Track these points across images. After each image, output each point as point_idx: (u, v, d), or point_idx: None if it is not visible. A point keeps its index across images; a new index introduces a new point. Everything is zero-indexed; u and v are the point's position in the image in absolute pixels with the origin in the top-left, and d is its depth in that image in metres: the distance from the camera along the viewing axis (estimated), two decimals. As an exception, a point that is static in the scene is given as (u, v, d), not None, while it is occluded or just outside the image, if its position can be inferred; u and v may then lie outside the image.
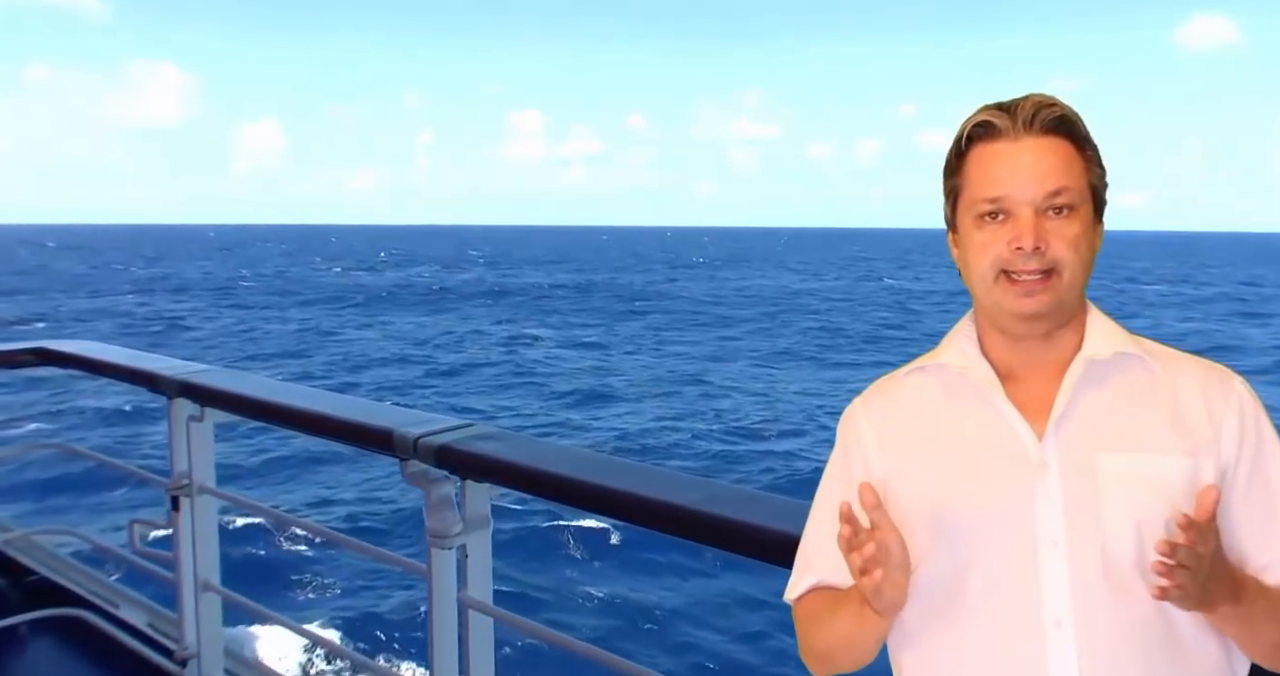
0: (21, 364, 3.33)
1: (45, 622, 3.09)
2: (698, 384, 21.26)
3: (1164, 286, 57.68)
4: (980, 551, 1.06)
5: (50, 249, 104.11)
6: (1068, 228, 1.04)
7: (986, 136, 1.07)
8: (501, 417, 17.26)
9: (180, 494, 2.64)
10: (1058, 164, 1.04)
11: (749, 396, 19.80)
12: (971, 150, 1.08)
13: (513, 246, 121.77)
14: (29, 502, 10.55)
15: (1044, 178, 1.04)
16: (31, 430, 14.30)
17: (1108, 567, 1.01)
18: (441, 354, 26.39)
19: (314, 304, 41.37)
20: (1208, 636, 1.03)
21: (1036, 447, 1.06)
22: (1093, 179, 1.07)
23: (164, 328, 31.35)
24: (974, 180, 1.08)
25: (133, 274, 60.71)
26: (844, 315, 38.66)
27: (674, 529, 1.68)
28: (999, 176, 1.05)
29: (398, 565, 2.21)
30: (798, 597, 1.21)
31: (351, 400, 2.54)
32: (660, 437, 15.83)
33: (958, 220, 1.11)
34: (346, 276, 61.87)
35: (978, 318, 1.15)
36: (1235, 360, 17.42)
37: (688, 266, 79.78)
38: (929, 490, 1.09)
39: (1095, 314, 1.12)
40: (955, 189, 1.11)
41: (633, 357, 26.11)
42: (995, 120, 1.06)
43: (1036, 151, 1.04)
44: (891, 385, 1.19)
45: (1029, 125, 1.05)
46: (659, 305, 42.70)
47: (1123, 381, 1.08)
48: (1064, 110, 1.06)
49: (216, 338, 29.28)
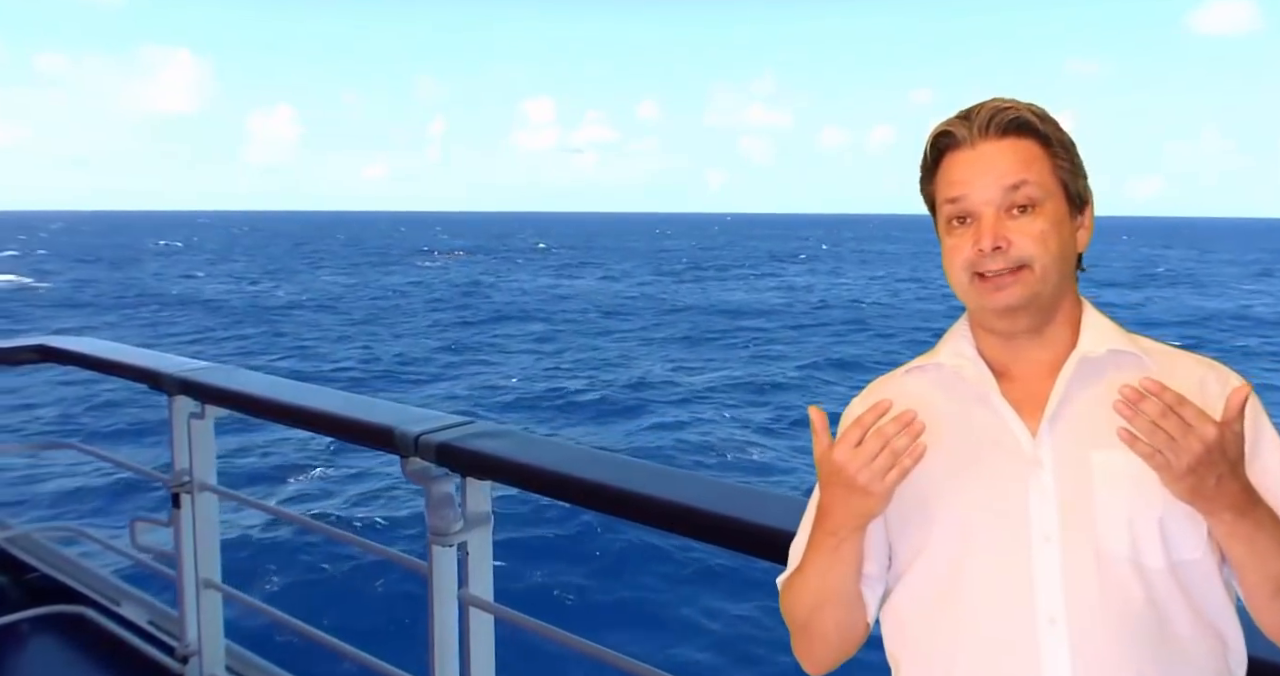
0: (23, 361, 3.33)
1: (46, 620, 3.09)
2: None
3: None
4: (975, 547, 1.07)
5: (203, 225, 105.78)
6: (1031, 224, 1.06)
7: (950, 146, 1.11)
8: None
9: (181, 491, 2.65)
10: (1015, 162, 1.07)
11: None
12: (939, 159, 1.12)
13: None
14: (30, 499, 10.55)
15: (1001, 176, 1.07)
16: (33, 427, 14.33)
17: (1101, 564, 1.02)
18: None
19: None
20: (1204, 633, 1.04)
21: (1031, 444, 1.07)
22: (1061, 173, 1.09)
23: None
24: (940, 187, 1.12)
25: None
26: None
27: (676, 526, 1.69)
28: (958, 179, 1.09)
29: (398, 562, 2.21)
30: (783, 581, 1.22)
31: (352, 397, 2.54)
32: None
33: (937, 227, 1.15)
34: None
35: (971, 318, 1.17)
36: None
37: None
38: (924, 487, 1.10)
39: (1091, 312, 1.13)
40: (930, 197, 1.15)
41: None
42: (954, 129, 1.10)
43: (993, 153, 1.08)
44: (889, 384, 1.20)
45: (985, 130, 1.08)
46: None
47: (1117, 379, 1.07)
48: (1020, 111, 1.08)
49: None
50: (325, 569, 8.99)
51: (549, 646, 1.91)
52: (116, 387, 15.07)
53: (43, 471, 11.35)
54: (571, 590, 8.79)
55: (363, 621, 7.89)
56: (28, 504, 10.33)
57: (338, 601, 8.34)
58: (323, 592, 8.56)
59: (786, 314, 32.61)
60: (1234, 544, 1.01)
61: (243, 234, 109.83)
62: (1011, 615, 1.04)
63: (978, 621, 1.06)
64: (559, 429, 15.66)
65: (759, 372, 20.59)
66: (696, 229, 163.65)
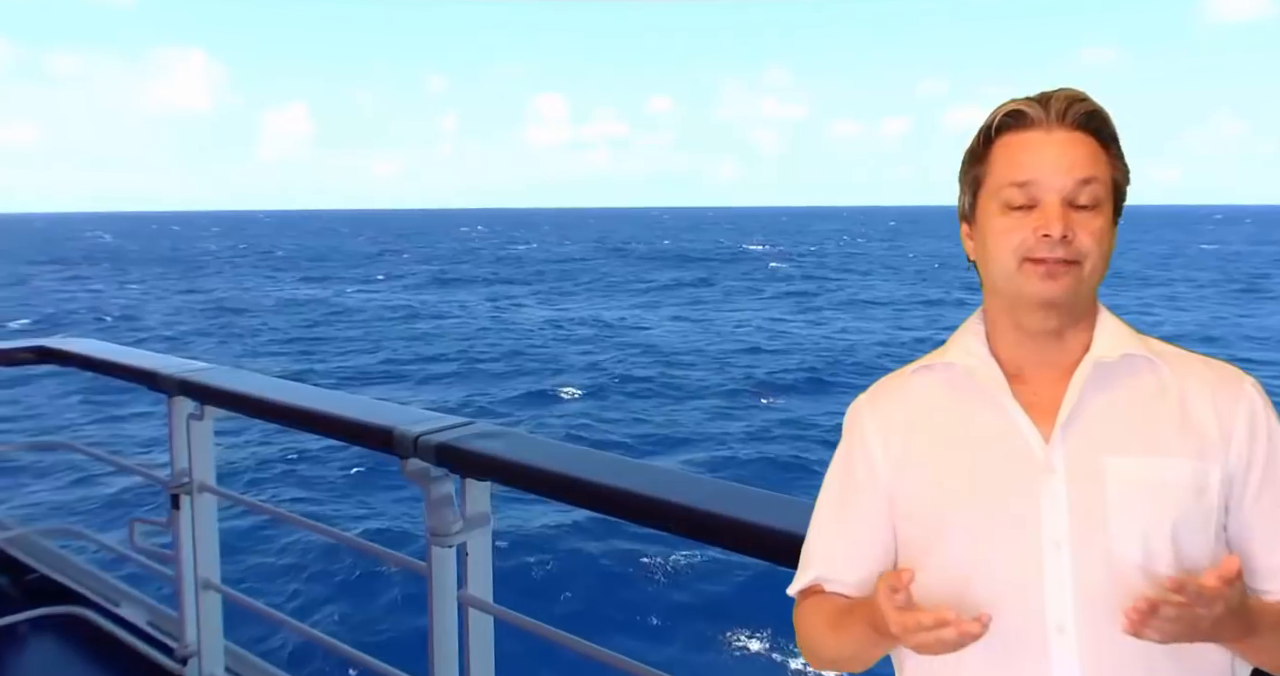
0: (22, 362, 3.33)
1: (46, 620, 3.09)
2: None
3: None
4: (984, 553, 1.05)
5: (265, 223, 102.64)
6: (1093, 220, 1.04)
7: (1017, 126, 1.06)
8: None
9: (180, 492, 2.64)
10: (1087, 156, 1.04)
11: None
12: (1000, 139, 1.08)
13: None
14: (30, 500, 10.55)
15: (1074, 167, 1.03)
16: (32, 428, 14.32)
17: (1112, 571, 1.00)
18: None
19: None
20: (1211, 644, 1.02)
21: (1043, 450, 1.05)
22: (1117, 177, 1.07)
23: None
24: (1001, 167, 1.07)
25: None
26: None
27: (675, 527, 1.68)
28: (1029, 162, 1.05)
29: (398, 563, 2.21)
30: (799, 592, 1.21)
31: (352, 398, 2.54)
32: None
33: (978, 209, 1.10)
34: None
35: (989, 314, 1.14)
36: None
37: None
38: (933, 490, 1.09)
39: (1105, 315, 1.11)
40: (978, 177, 1.10)
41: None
42: (1028, 110, 1.06)
43: (1068, 143, 1.04)
44: (897, 383, 1.18)
45: (1062, 117, 1.05)
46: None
47: (1131, 383, 1.07)
48: (1096, 106, 1.05)
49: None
50: (325, 569, 8.98)
51: (548, 647, 1.91)
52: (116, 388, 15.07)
53: (43, 471, 11.35)
54: (571, 590, 8.79)
55: (362, 622, 7.89)
56: (28, 504, 10.33)
57: (337, 602, 8.35)
58: (322, 593, 8.57)
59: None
60: (1232, 648, 1.03)
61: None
62: (1020, 622, 1.03)
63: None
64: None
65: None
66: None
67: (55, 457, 11.22)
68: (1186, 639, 0.93)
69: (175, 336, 26.52)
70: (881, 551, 1.15)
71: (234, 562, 8.01)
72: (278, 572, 8.91)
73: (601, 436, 14.59)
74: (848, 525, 1.17)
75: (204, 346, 24.61)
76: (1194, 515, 1.00)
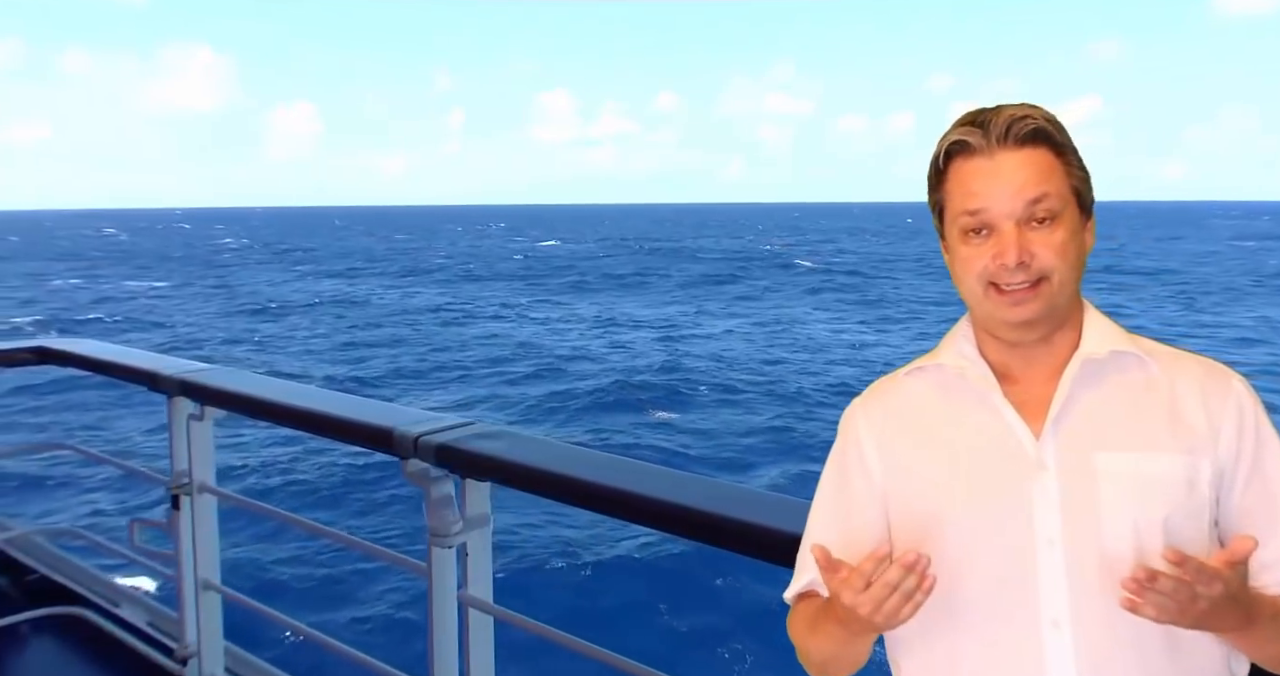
0: (22, 362, 3.33)
1: (46, 621, 3.09)
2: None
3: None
4: (978, 551, 1.06)
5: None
6: (1052, 236, 1.04)
7: (963, 153, 1.07)
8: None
9: (181, 492, 2.64)
10: (1035, 174, 1.04)
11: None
12: (950, 166, 1.09)
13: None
14: (30, 501, 10.55)
15: (1022, 189, 1.04)
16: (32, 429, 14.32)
17: (1105, 567, 1.01)
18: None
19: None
20: (1207, 637, 1.03)
21: (1034, 447, 1.06)
22: (1074, 182, 1.07)
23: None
24: (954, 196, 1.08)
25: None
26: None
27: (675, 527, 1.69)
28: (979, 190, 1.06)
29: (398, 563, 2.21)
30: (793, 597, 1.22)
31: (352, 398, 2.54)
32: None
33: (944, 233, 1.12)
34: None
35: (974, 322, 1.15)
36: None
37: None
38: (927, 490, 1.10)
39: (1092, 313, 1.12)
40: (939, 203, 1.11)
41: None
42: (969, 138, 1.06)
43: (1013, 164, 1.05)
44: (890, 386, 1.20)
45: (1003, 139, 1.05)
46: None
47: (1120, 380, 1.08)
48: (1038, 121, 1.05)
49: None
50: (325, 570, 8.99)
51: (548, 647, 1.91)
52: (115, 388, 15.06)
53: (43, 472, 11.35)
54: (571, 590, 8.79)
55: (362, 622, 7.90)
56: (28, 504, 10.34)
57: (337, 602, 8.35)
58: (322, 593, 8.56)
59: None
60: (1231, 641, 1.03)
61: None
62: (1015, 618, 1.04)
63: (980, 625, 1.06)
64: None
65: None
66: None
67: (56, 457, 11.21)
68: (1184, 621, 0.94)
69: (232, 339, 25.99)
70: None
71: (234, 563, 8.03)
72: (278, 573, 8.90)
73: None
74: (842, 528, 1.17)
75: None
76: (1185, 510, 1.01)
